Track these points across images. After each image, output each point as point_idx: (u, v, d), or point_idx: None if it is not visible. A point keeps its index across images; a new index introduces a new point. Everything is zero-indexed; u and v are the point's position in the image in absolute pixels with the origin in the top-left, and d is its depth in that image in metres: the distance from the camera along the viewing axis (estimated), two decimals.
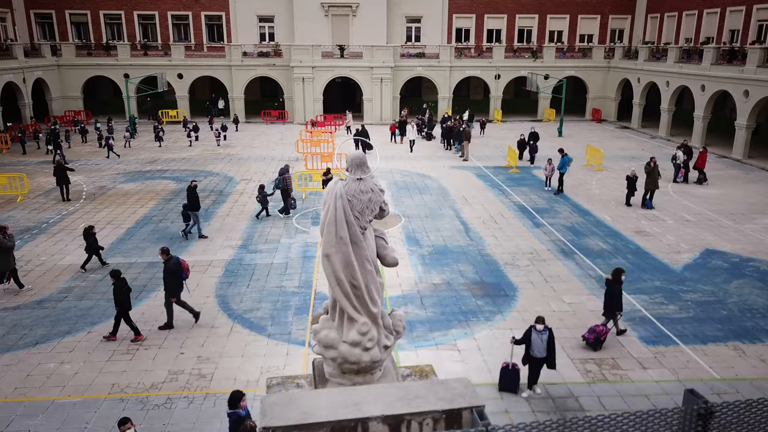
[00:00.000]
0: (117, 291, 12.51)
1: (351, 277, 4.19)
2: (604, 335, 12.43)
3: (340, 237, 4.18)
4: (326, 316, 4.53)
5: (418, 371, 4.91)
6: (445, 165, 30.22)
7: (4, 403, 10.56)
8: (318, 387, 4.43)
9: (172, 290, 13.08)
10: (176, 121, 41.82)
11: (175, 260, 13.22)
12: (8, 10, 43.53)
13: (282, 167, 22.34)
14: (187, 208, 18.91)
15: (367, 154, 19.49)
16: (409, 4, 47.37)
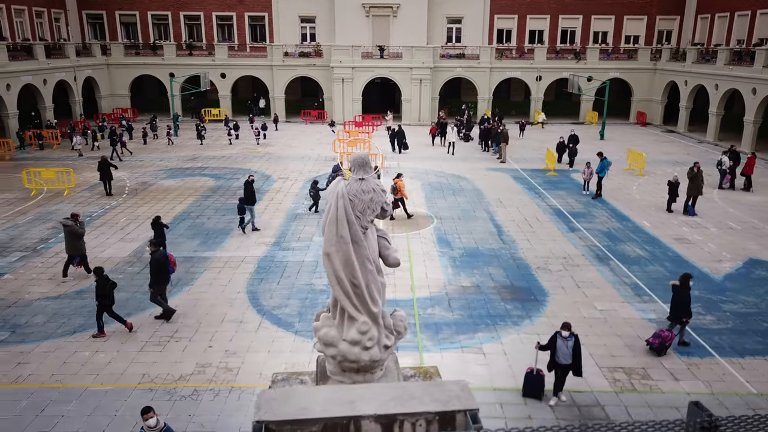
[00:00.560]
0: (100, 287, 12.66)
1: (351, 276, 4.21)
2: (669, 341, 12.12)
3: (341, 236, 4.21)
4: (327, 314, 4.57)
5: (422, 372, 4.89)
6: (481, 167, 29.96)
7: (40, 388, 10.99)
8: (319, 384, 4.47)
9: (158, 283, 13.36)
10: (218, 120, 42.69)
11: (161, 253, 13.56)
12: (62, 11, 45.27)
13: (335, 164, 22.99)
14: (243, 202, 19.39)
15: (403, 154, 19.53)
16: (451, 5, 47.14)
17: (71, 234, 15.62)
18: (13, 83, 33.87)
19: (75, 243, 15.71)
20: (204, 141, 35.43)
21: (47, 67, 37.08)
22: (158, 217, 17.03)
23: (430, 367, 5.00)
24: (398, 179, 21.15)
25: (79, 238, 15.79)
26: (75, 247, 15.73)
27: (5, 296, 14.79)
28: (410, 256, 17.48)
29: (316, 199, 21.52)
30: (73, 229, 15.61)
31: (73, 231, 15.61)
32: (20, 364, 11.77)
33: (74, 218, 15.91)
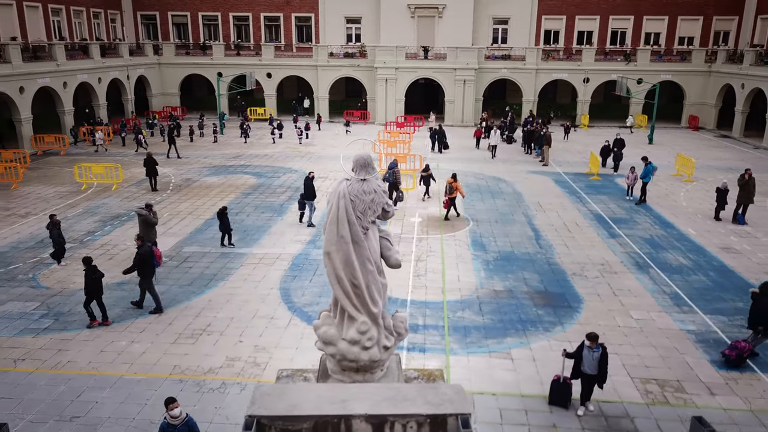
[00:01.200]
0: (88, 277, 13.02)
1: (351, 276, 4.22)
2: (747, 352, 11.71)
3: (341, 236, 4.23)
4: (327, 313, 4.60)
5: (426, 375, 4.87)
6: (522, 169, 29.53)
7: (78, 374, 11.43)
8: (319, 382, 4.51)
9: (144, 275, 13.81)
10: (263, 119, 43.43)
11: (148, 247, 13.98)
12: (118, 12, 46.95)
13: (391, 161, 23.32)
14: (304, 197, 20.02)
15: (443, 154, 19.43)
16: (497, 6, 46.63)
17: (145, 223, 16.54)
18: (70, 81, 35.32)
19: (148, 231, 16.60)
20: (248, 139, 36.12)
21: (102, 66, 38.53)
22: (224, 207, 17.96)
23: (435, 369, 4.97)
24: (454, 180, 21.23)
25: (152, 226, 16.69)
26: (148, 235, 16.58)
27: (51, 285, 15.45)
28: (443, 259, 17.40)
29: None
30: (147, 218, 16.53)
31: (147, 220, 16.54)
32: (61, 350, 12.28)
33: (148, 208, 16.90)
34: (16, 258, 17.24)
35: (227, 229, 18.05)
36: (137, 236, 14.54)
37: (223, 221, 17.84)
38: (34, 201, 23.06)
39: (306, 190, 20.10)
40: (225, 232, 18.09)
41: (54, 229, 16.46)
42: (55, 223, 16.55)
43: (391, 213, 4.61)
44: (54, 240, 16.50)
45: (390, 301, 14.37)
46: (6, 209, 22.01)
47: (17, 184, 25.15)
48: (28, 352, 12.22)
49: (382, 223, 12.56)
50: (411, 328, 13.19)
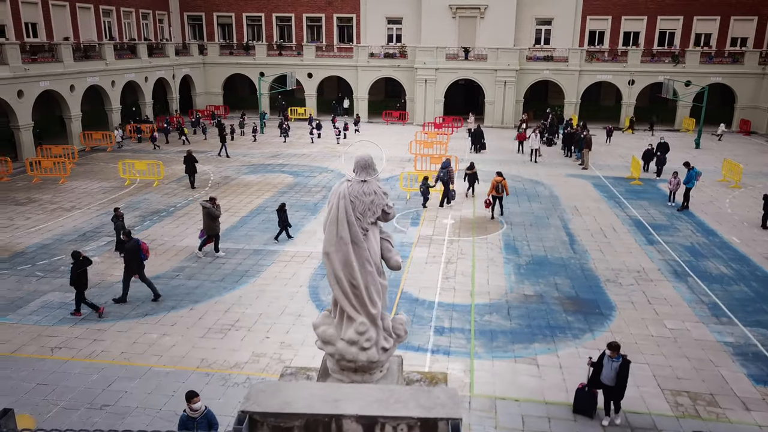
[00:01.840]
0: (73, 271, 13.41)
1: (350, 276, 4.23)
2: None
3: (341, 236, 4.24)
4: (326, 312, 4.62)
5: (429, 378, 4.83)
6: (561, 172, 29.02)
7: (111, 364, 11.80)
8: (319, 380, 4.53)
9: (130, 268, 14.31)
10: (303, 119, 43.93)
11: (134, 242, 14.40)
12: (165, 13, 48.24)
13: (444, 161, 23.66)
14: None
15: (480, 154, 19.37)
16: (540, 6, 45.95)
17: (209, 215, 17.18)
18: (118, 80, 36.50)
19: (211, 223, 17.29)
20: (287, 139, 36.59)
21: (149, 66, 39.68)
22: (283, 204, 18.74)
23: (439, 373, 4.93)
24: (500, 177, 21.26)
25: (215, 219, 17.30)
26: (211, 227, 17.28)
27: (91, 278, 15.89)
28: (474, 261, 17.25)
29: (425, 195, 22.48)
30: (210, 211, 17.18)
31: (211, 212, 17.19)
32: (95, 341, 12.69)
33: (212, 201, 17.47)
34: (59, 250, 17.90)
35: (286, 224, 18.68)
36: (123, 232, 15.07)
37: (282, 217, 18.50)
38: (80, 195, 23.92)
39: None
40: (283, 227, 18.74)
41: (118, 221, 17.37)
42: (119, 216, 17.50)
43: (391, 215, 4.60)
44: (118, 231, 17.26)
45: (416, 303, 14.42)
46: (53, 203, 22.90)
47: (65, 179, 26.13)
48: (65, 340, 12.68)
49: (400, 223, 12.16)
50: (436, 331, 13.14)
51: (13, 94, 28.27)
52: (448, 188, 22.82)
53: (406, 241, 18.81)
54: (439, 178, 22.98)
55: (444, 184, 22.77)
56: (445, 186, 22.77)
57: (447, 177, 22.76)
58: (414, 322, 13.54)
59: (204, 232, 17.46)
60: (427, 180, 22.47)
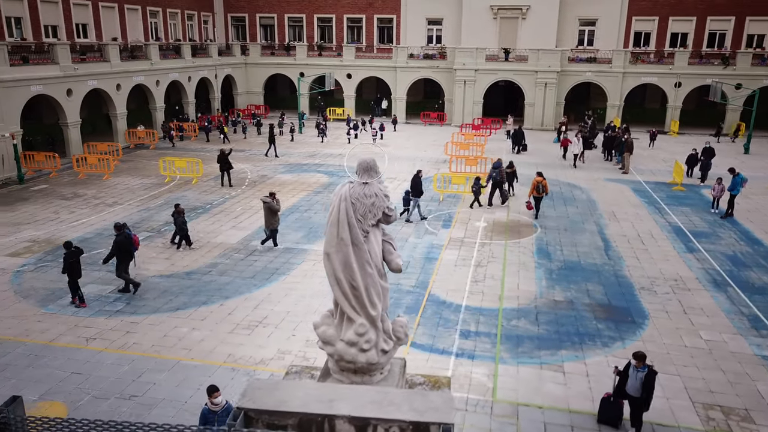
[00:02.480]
0: (66, 260, 13.87)
1: (350, 278, 4.24)
2: None
3: (341, 238, 4.26)
4: (327, 313, 4.65)
5: (432, 381, 4.81)
6: (600, 176, 28.42)
7: (141, 356, 12.13)
8: (320, 380, 4.56)
9: (122, 259, 14.71)
10: (341, 119, 44.23)
11: (125, 235, 14.73)
12: (210, 14, 49.33)
13: (495, 161, 23.87)
14: (409, 194, 20.88)
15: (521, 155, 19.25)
16: (584, 6, 45.11)
17: (269, 210, 17.66)
18: (162, 79, 37.51)
19: (271, 218, 17.78)
20: (324, 139, 36.91)
21: (192, 66, 40.64)
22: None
23: (443, 376, 4.89)
24: (540, 177, 21.35)
25: (275, 213, 17.79)
26: (270, 221, 17.77)
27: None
28: (505, 265, 17.05)
29: (477, 195, 22.73)
30: (270, 206, 17.68)
31: (271, 207, 17.70)
32: (128, 333, 13.07)
33: (272, 196, 17.96)
34: (99, 244, 18.49)
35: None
36: (115, 226, 15.40)
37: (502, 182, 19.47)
38: (122, 191, 24.68)
39: (414, 186, 20.76)
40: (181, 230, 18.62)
41: (179, 217, 17.86)
42: (180, 212, 17.97)
43: (393, 217, 4.60)
44: (178, 227, 17.89)
45: (443, 305, 14.35)
46: (96, 198, 23.69)
47: (109, 175, 26.99)
48: (99, 332, 13.10)
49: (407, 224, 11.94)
50: (462, 334, 13.05)
51: (63, 92, 29.36)
52: (501, 188, 23.14)
53: (436, 243, 18.74)
54: (491, 177, 23.22)
55: (496, 184, 23.07)
56: (498, 186, 23.06)
57: (499, 177, 23.07)
58: (440, 325, 13.48)
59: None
60: (479, 180, 22.78)
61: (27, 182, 25.94)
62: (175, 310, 14.14)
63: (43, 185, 25.63)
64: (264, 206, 17.88)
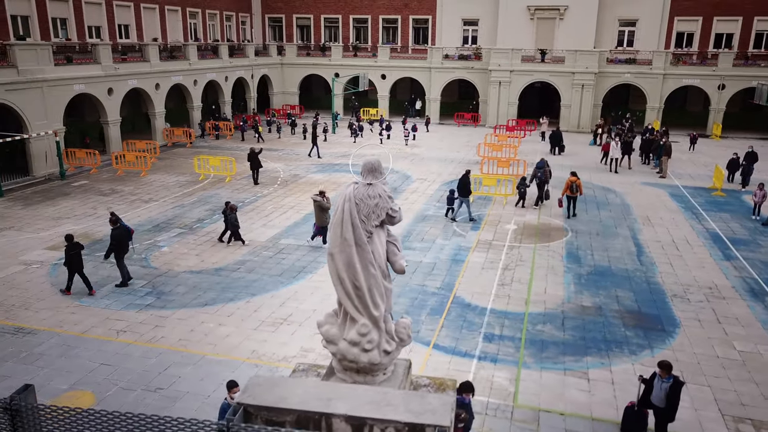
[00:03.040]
0: (67, 253, 14.49)
1: (353, 278, 4.25)
2: None
3: (345, 238, 4.27)
4: (331, 312, 4.66)
5: (438, 383, 4.78)
6: (636, 180, 27.80)
7: (168, 349, 12.39)
8: (324, 379, 4.58)
9: (119, 253, 15.24)
10: (374, 120, 44.33)
11: (122, 227, 15.34)
12: (248, 15, 50.12)
13: (539, 161, 24.06)
14: (456, 193, 21.10)
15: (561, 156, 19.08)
16: (624, 6, 44.23)
17: (319, 208, 18.00)
18: (200, 79, 38.26)
19: (321, 215, 18.09)
20: (357, 139, 37.06)
21: (229, 66, 41.33)
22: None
23: (448, 379, 4.86)
24: (574, 176, 21.45)
25: (326, 211, 18.10)
26: (321, 218, 18.10)
27: (159, 266, 16.86)
28: (533, 269, 16.83)
29: (522, 195, 22.95)
30: (321, 204, 18.00)
31: (321, 205, 18.02)
32: (157, 326, 13.37)
33: (322, 194, 18.27)
34: (134, 239, 18.84)
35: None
36: (111, 213, 15.96)
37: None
38: (157, 188, 25.26)
39: (461, 185, 20.85)
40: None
41: (231, 213, 18.32)
42: (232, 209, 18.43)
43: (397, 218, 4.59)
44: (231, 223, 18.35)
45: (468, 308, 14.25)
46: (133, 194, 24.31)
47: (146, 172, 27.67)
48: (129, 325, 13.43)
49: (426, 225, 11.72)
50: (486, 338, 12.93)
51: (104, 91, 30.22)
52: (543, 188, 23.25)
53: (464, 245, 18.62)
54: (536, 177, 23.40)
55: (540, 183, 23.24)
56: (541, 186, 23.20)
57: (544, 177, 23.20)
58: (463, 327, 13.39)
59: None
60: (525, 180, 23.03)
61: (68, 178, 26.80)
62: (203, 306, 14.40)
63: (84, 181, 26.43)
64: (315, 204, 18.14)
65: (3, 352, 12.23)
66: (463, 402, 8.31)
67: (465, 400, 8.43)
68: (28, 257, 17.40)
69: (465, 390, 8.55)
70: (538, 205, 23.08)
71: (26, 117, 25.76)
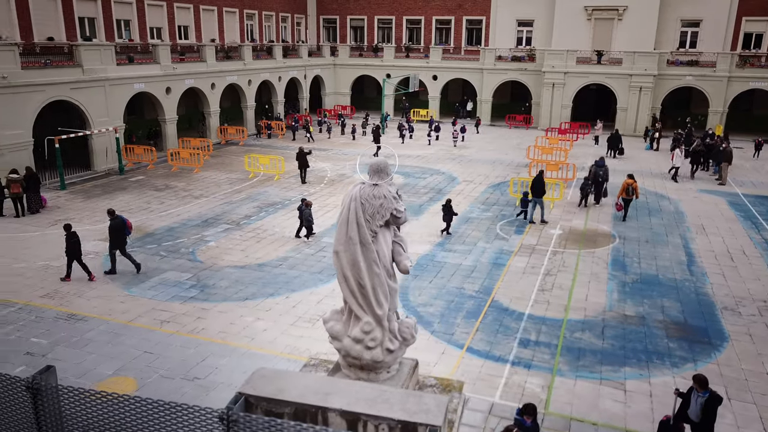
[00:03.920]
0: (67, 242, 15.30)
1: (357, 276, 4.30)
2: None
3: (350, 237, 4.32)
4: (337, 309, 4.73)
5: (444, 384, 4.77)
6: (692, 187, 26.76)
7: (208, 341, 12.79)
8: (330, 374, 4.66)
9: (115, 243, 15.94)
10: (424, 120, 44.27)
11: (120, 219, 16.01)
12: (303, 16, 50.96)
13: (598, 159, 24.10)
14: (527, 195, 21.12)
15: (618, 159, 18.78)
16: (688, 6, 42.62)
17: None
18: (254, 79, 39.20)
19: None
20: (405, 140, 37.11)
21: (283, 66, 42.16)
22: (449, 200, 19.67)
23: (456, 381, 4.84)
24: (631, 179, 21.23)
25: None
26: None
27: (205, 260, 17.39)
28: (575, 275, 16.47)
29: (584, 194, 23.03)
30: None
31: None
32: (199, 318, 13.81)
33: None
34: (183, 233, 19.65)
35: (449, 220, 19.37)
36: (108, 211, 16.49)
37: (447, 213, 19.20)
38: (208, 185, 26.05)
39: (535, 186, 20.74)
40: (448, 223, 19.42)
41: (306, 209, 18.91)
42: (308, 204, 19.04)
43: (402, 219, 4.61)
44: (306, 219, 18.94)
45: (505, 312, 14.09)
46: (185, 190, 25.16)
47: (198, 169, 28.57)
48: (173, 316, 13.93)
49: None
50: (521, 343, 12.76)
51: (162, 90, 31.39)
52: (603, 187, 23.39)
53: (506, 249, 18.39)
54: (597, 175, 23.31)
55: (600, 182, 23.24)
56: (601, 184, 23.29)
57: (605, 175, 23.35)
58: (499, 332, 13.25)
59: None
60: (588, 180, 23.09)
61: (126, 173, 27.98)
62: (243, 300, 14.78)
63: (140, 176, 27.54)
64: None
65: (56, 336, 12.91)
66: (523, 424, 8.07)
67: (525, 423, 8.09)
68: (84, 248, 18.15)
69: (527, 412, 8.22)
70: (598, 203, 23.29)
71: (89, 114, 27.05)
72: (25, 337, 12.85)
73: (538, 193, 20.73)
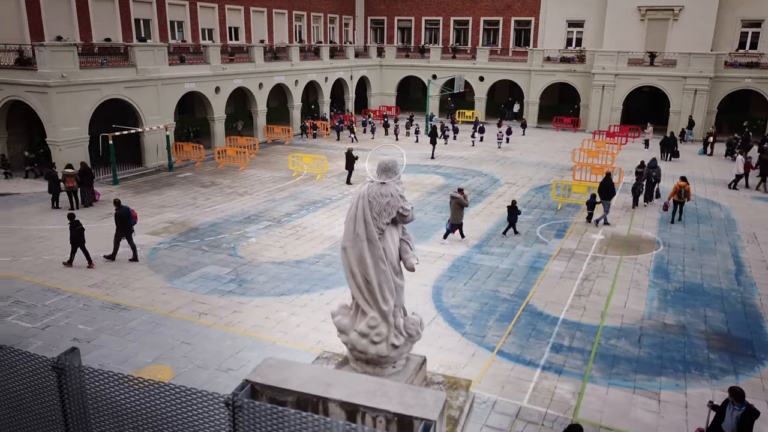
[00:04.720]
0: (72, 230, 16.23)
1: (364, 272, 4.39)
2: None
3: (357, 234, 4.41)
4: (344, 303, 4.82)
5: (451, 382, 4.80)
6: (746, 194, 25.74)
7: (243, 334, 13.13)
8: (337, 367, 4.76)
9: (120, 231, 16.80)
10: (470, 122, 44.01)
11: (125, 209, 16.94)
12: (351, 17, 51.46)
13: (651, 161, 24.20)
14: (595, 197, 21.01)
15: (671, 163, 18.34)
16: (749, 6, 40.93)
17: (457, 205, 18.38)
18: (301, 79, 39.83)
19: (457, 213, 18.48)
20: (448, 141, 36.99)
21: (329, 67, 42.68)
22: (514, 201, 19.62)
23: (463, 379, 4.86)
24: (684, 182, 21.19)
25: (462, 208, 18.51)
26: (456, 216, 18.51)
27: (245, 255, 17.83)
28: (615, 281, 16.10)
29: (635, 193, 23.06)
30: (460, 201, 18.36)
31: (460, 202, 18.37)
32: (235, 312, 14.18)
33: (461, 192, 18.64)
34: (225, 229, 20.18)
35: (513, 221, 19.38)
36: (114, 201, 17.50)
37: (512, 213, 19.29)
38: (253, 183, 26.65)
39: (604, 187, 20.68)
40: (511, 224, 19.46)
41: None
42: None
43: (408, 217, 4.67)
44: None
45: (539, 317, 13.93)
46: (230, 187, 25.82)
47: (244, 167, 29.26)
48: (211, 308, 14.35)
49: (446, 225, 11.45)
50: (553, 348, 12.58)
51: (212, 89, 32.29)
52: (655, 187, 23.59)
53: (544, 253, 18.14)
54: (650, 176, 23.34)
55: (652, 183, 23.36)
56: (653, 185, 23.44)
57: (657, 176, 23.51)
58: (531, 336, 13.10)
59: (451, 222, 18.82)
60: (639, 181, 23.24)
61: (175, 170, 28.91)
62: (279, 295, 15.08)
63: (188, 173, 28.41)
64: (453, 201, 18.39)
65: (101, 324, 13.50)
66: None
67: None
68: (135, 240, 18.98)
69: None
70: (650, 201, 23.39)
71: (142, 112, 28.08)
72: (72, 324, 13.49)
73: (607, 195, 20.64)
